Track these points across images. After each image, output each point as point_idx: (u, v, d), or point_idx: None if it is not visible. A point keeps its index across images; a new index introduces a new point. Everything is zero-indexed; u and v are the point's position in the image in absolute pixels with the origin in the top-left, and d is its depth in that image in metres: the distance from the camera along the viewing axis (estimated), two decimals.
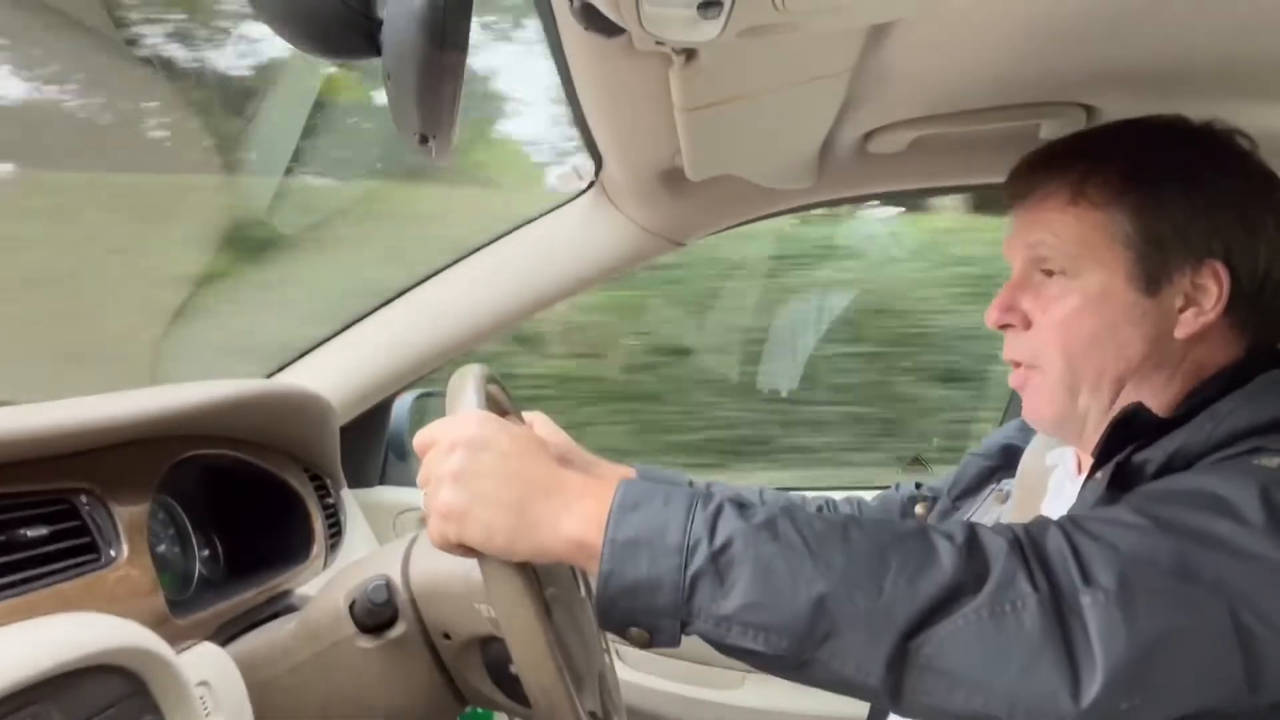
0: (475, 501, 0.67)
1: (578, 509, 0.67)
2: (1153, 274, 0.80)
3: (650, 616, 0.65)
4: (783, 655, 0.63)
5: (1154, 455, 0.73)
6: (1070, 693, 0.59)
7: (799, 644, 0.62)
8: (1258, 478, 0.67)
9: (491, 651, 0.87)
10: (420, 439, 0.72)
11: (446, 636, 0.86)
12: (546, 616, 0.69)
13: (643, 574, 0.64)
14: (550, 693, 0.69)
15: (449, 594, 0.85)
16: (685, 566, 0.63)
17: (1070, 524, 0.66)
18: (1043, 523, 0.68)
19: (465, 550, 0.68)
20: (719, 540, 0.64)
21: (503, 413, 0.93)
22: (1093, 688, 0.59)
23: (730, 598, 0.63)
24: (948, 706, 0.62)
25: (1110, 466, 0.75)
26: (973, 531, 0.66)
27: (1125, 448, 0.76)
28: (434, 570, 0.86)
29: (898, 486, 1.24)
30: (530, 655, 0.68)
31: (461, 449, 0.69)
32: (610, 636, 0.74)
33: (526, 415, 1.04)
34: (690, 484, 1.14)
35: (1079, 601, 0.61)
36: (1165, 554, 0.63)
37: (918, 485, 1.21)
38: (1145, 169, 0.81)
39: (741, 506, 0.67)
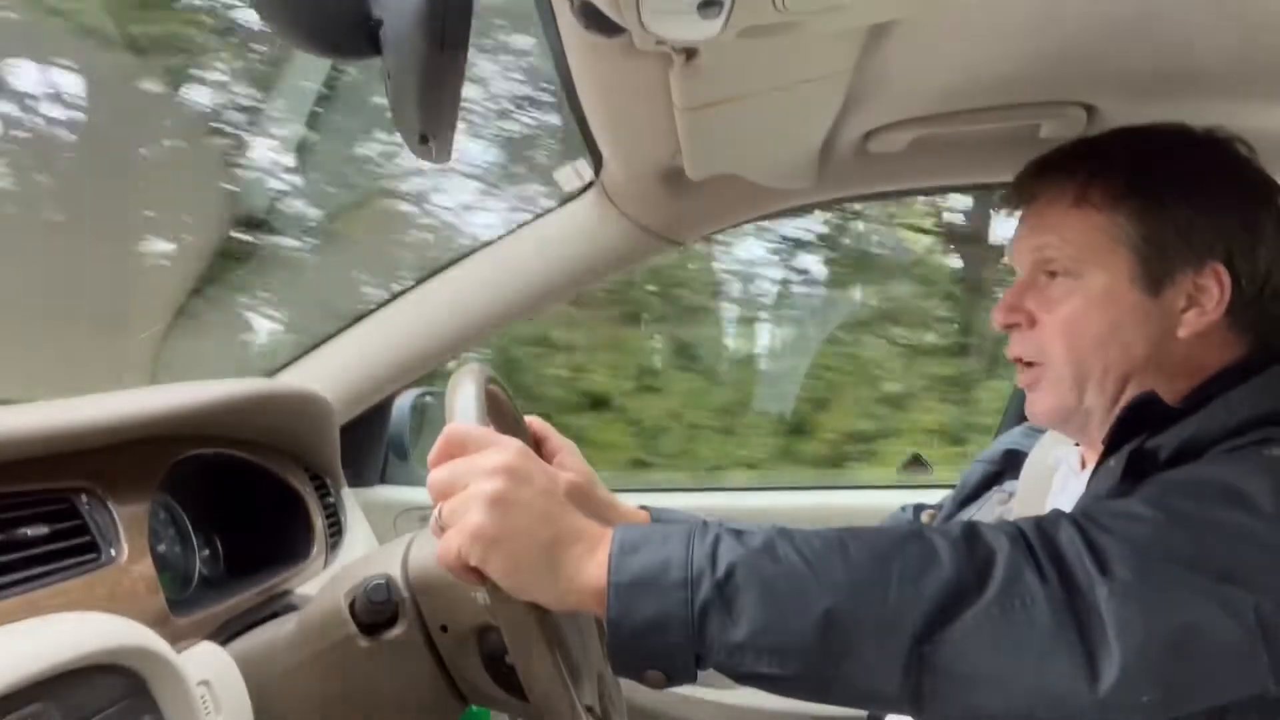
0: (509, 532, 0.65)
1: (596, 557, 0.66)
2: (1156, 275, 0.81)
3: (664, 655, 0.65)
4: (799, 676, 0.63)
5: (1167, 442, 0.74)
6: (1089, 684, 0.59)
7: (814, 663, 0.63)
8: (1269, 467, 0.67)
9: (489, 642, 0.87)
10: (451, 439, 0.70)
11: (444, 629, 0.86)
12: (542, 611, 0.69)
13: (651, 614, 0.64)
14: (547, 682, 0.69)
15: (446, 583, 0.84)
16: (692, 600, 0.64)
17: (1083, 517, 0.67)
18: (1054, 516, 0.68)
19: (474, 575, 0.67)
20: (721, 570, 0.64)
21: (502, 413, 0.93)
22: (1110, 676, 0.59)
23: (740, 625, 0.63)
24: (970, 708, 0.62)
25: (1124, 454, 0.75)
26: (970, 528, 0.66)
27: (1136, 435, 0.76)
28: (432, 565, 0.86)
29: (903, 508, 1.23)
30: (524, 644, 0.67)
31: (504, 475, 0.66)
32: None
33: (558, 441, 1.02)
34: (704, 524, 1.13)
35: (1095, 594, 0.61)
36: (1181, 546, 0.64)
37: (919, 507, 1.21)
38: (1148, 174, 0.82)
39: (738, 533, 0.67)
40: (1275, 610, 0.61)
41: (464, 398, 0.75)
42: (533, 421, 1.02)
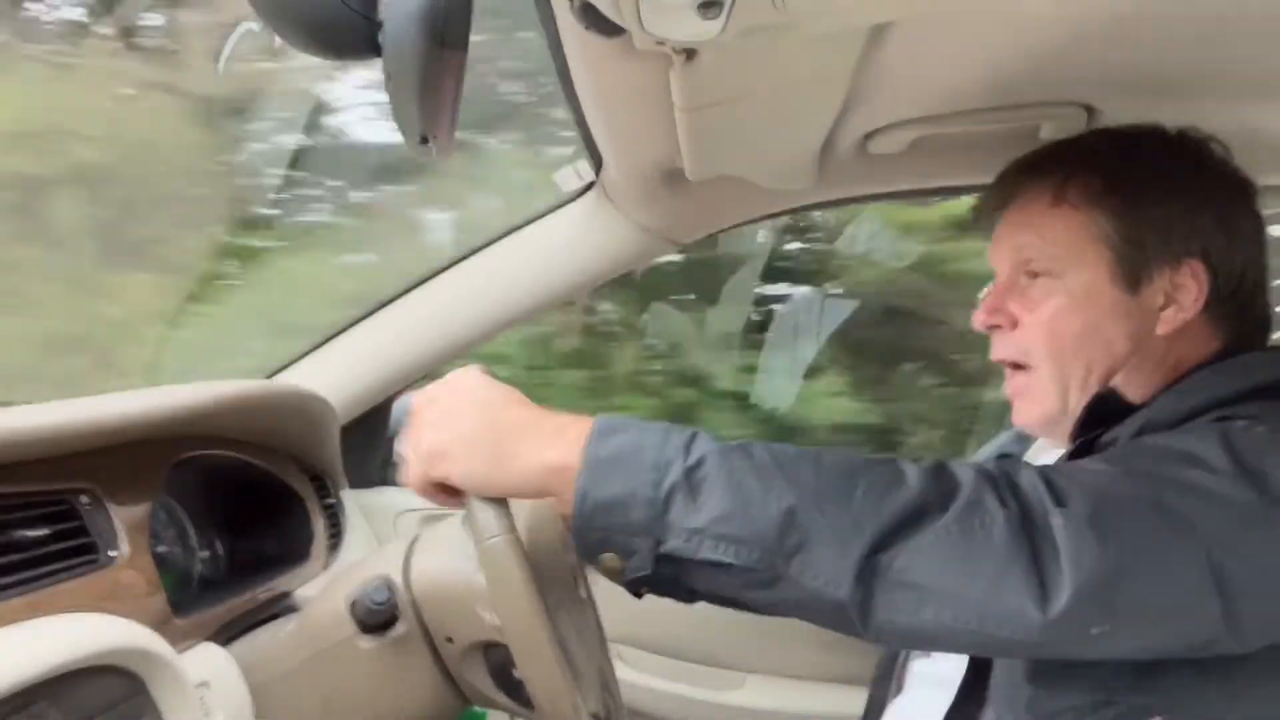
0: (455, 440, 0.69)
1: (558, 441, 0.69)
2: (1134, 273, 0.82)
3: (625, 535, 0.66)
4: (753, 568, 0.64)
5: (1122, 432, 0.77)
6: (1038, 605, 0.61)
7: (769, 556, 0.64)
8: (1221, 431, 0.69)
9: (494, 657, 0.87)
10: (421, 398, 0.74)
11: (449, 640, 0.86)
12: (548, 616, 0.69)
13: (618, 490, 0.66)
14: (554, 695, 0.69)
15: (451, 597, 0.85)
16: (660, 482, 0.66)
17: (1045, 468, 0.69)
18: (1017, 464, 0.71)
19: (444, 493, 0.70)
20: (693, 458, 0.66)
21: None
22: (1060, 601, 0.60)
23: (702, 510, 0.65)
24: (918, 623, 0.63)
25: (1081, 442, 0.78)
26: (939, 462, 0.69)
27: (1099, 429, 0.79)
28: (435, 571, 0.86)
29: None
30: (534, 657, 0.68)
31: (443, 395, 0.71)
32: (610, 640, 0.74)
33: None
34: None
35: (1049, 522, 0.63)
36: (1136, 492, 0.66)
37: None
38: (1125, 173, 0.84)
39: (717, 437, 0.69)
40: (1227, 559, 0.63)
41: None
42: None
